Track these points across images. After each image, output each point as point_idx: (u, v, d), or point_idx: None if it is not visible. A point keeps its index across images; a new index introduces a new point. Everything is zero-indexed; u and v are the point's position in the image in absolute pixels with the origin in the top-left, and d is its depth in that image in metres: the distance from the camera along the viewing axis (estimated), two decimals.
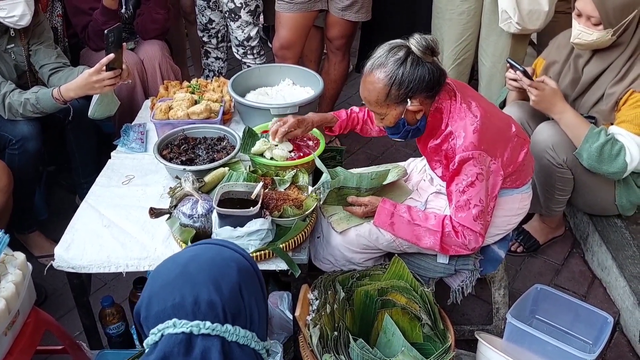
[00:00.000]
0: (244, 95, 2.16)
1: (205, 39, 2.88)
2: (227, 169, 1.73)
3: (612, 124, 1.90)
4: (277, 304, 1.80)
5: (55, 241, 1.61)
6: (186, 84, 2.27)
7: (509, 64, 1.97)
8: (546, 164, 2.00)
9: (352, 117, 1.88)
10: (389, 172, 1.74)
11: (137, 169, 1.91)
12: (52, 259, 1.55)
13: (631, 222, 2.19)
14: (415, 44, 1.46)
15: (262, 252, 1.48)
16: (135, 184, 1.82)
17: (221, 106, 2.06)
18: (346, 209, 1.69)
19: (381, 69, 1.48)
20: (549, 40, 2.19)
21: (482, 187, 1.51)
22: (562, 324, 1.76)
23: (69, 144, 2.30)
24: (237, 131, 1.90)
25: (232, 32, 2.72)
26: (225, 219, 1.48)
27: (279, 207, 1.57)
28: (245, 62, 2.80)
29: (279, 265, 1.52)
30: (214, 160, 1.78)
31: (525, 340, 1.58)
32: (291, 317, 1.69)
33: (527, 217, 2.14)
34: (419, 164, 1.88)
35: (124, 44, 1.96)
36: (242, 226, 1.46)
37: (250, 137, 1.86)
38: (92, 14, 2.39)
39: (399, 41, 1.51)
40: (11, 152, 2.00)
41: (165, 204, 1.63)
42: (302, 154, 1.80)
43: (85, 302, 1.67)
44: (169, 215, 1.57)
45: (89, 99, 2.04)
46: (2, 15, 1.94)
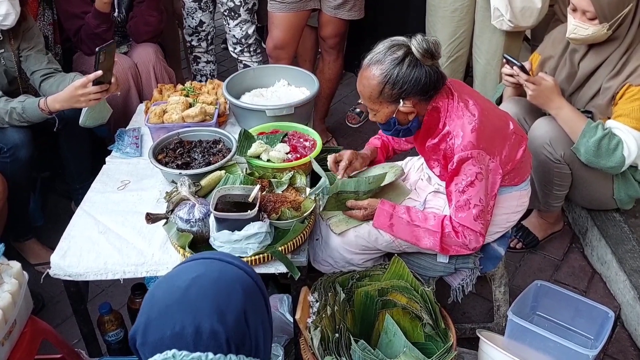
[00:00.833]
0: (238, 97, 2.15)
1: (194, 43, 2.83)
2: (223, 172, 1.72)
3: (609, 118, 1.90)
4: (277, 306, 1.79)
5: (51, 248, 1.59)
6: (180, 87, 2.25)
7: (506, 60, 1.96)
8: (544, 159, 1.99)
9: (383, 141, 1.88)
10: (387, 174, 1.73)
11: (132, 174, 1.89)
12: (49, 267, 1.53)
13: (630, 215, 2.19)
14: (416, 45, 1.45)
15: (261, 255, 1.47)
16: (130, 189, 1.81)
17: (216, 109, 2.05)
18: (345, 213, 1.67)
19: (378, 66, 1.47)
20: (544, 35, 2.18)
21: (482, 186, 1.50)
22: (563, 319, 1.76)
23: (62, 150, 2.28)
24: (232, 133, 1.88)
25: (230, 31, 2.70)
26: (222, 223, 1.47)
27: (277, 209, 1.55)
28: (241, 61, 2.79)
29: (278, 268, 1.50)
30: (210, 163, 1.76)
31: (526, 337, 1.58)
32: (291, 320, 1.68)
33: (526, 213, 2.13)
34: (416, 163, 1.88)
35: (116, 59, 1.95)
36: (240, 230, 1.45)
37: (246, 139, 1.85)
38: (84, 17, 2.37)
39: (401, 39, 1.49)
40: (3, 161, 1.98)
41: (161, 209, 1.61)
42: (299, 155, 1.79)
43: (82, 309, 1.65)
44: (165, 220, 1.56)
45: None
46: None
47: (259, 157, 1.77)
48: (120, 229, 1.63)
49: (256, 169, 1.76)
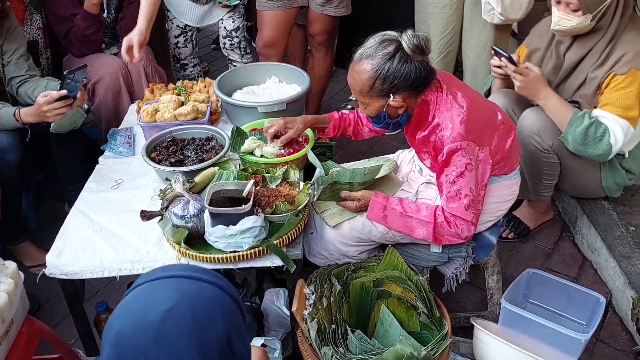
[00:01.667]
0: (230, 95, 2.16)
1: (180, 44, 2.78)
2: (217, 168, 1.73)
3: (595, 107, 1.93)
4: (274, 300, 1.80)
5: (45, 250, 1.59)
6: (172, 86, 2.26)
7: (494, 51, 1.99)
8: (532, 149, 2.02)
9: (344, 118, 1.89)
10: (382, 166, 1.75)
11: (125, 173, 1.89)
12: (44, 268, 1.53)
13: (618, 203, 2.22)
14: (406, 40, 1.46)
15: (256, 249, 1.49)
16: (124, 188, 1.81)
17: (208, 106, 2.06)
18: (339, 204, 1.69)
19: (369, 61, 1.49)
20: (530, 28, 2.21)
21: (472, 176, 1.53)
22: (556, 306, 1.78)
23: (55, 152, 2.27)
24: (225, 131, 1.89)
25: (222, 23, 2.70)
26: (217, 218, 1.48)
27: (271, 203, 1.57)
28: (232, 61, 2.80)
29: (274, 261, 1.52)
30: (203, 160, 1.77)
31: (520, 324, 1.60)
32: (288, 314, 1.69)
33: (517, 204, 2.17)
34: (407, 155, 1.90)
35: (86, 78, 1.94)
36: (234, 224, 1.46)
37: (239, 135, 1.86)
38: (73, 20, 2.37)
39: (392, 34, 1.51)
40: None
41: (155, 207, 1.62)
42: (292, 150, 1.81)
43: (79, 309, 1.65)
44: (160, 217, 1.57)
45: None
46: None
47: (252, 153, 1.79)
48: (115, 227, 1.63)
49: (249, 165, 1.77)
